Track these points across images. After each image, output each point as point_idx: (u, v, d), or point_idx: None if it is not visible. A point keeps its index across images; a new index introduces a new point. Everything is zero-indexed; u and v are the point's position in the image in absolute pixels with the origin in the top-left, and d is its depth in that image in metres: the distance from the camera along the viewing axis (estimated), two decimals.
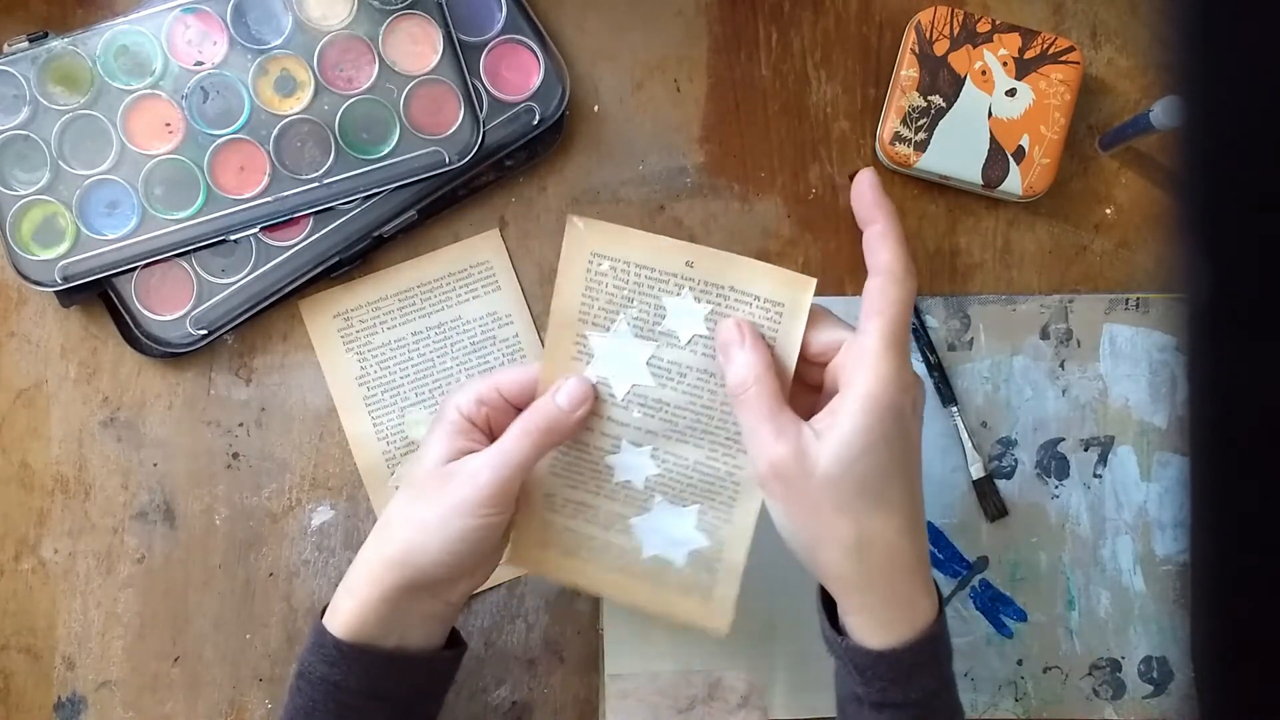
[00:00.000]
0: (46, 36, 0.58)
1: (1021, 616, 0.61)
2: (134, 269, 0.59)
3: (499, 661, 0.60)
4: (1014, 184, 0.59)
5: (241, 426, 0.61)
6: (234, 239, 0.59)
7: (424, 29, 0.60)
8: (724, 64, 0.62)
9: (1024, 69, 0.59)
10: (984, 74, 0.59)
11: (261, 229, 0.59)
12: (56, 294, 0.59)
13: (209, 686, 0.60)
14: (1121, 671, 0.61)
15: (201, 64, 0.59)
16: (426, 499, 0.47)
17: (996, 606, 0.61)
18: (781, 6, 0.63)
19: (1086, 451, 0.61)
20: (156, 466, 0.61)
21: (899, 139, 0.59)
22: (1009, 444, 0.61)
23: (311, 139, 0.59)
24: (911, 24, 0.60)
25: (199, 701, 0.60)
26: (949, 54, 0.59)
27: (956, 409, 0.61)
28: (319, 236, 0.59)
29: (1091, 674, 0.61)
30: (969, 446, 0.61)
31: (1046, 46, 0.59)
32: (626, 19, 0.62)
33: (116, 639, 0.60)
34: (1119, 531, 0.61)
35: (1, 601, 0.60)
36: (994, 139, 0.59)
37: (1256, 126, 0.22)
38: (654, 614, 0.52)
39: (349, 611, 0.47)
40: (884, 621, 0.45)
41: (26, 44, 0.58)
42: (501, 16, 0.60)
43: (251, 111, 0.59)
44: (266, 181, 0.59)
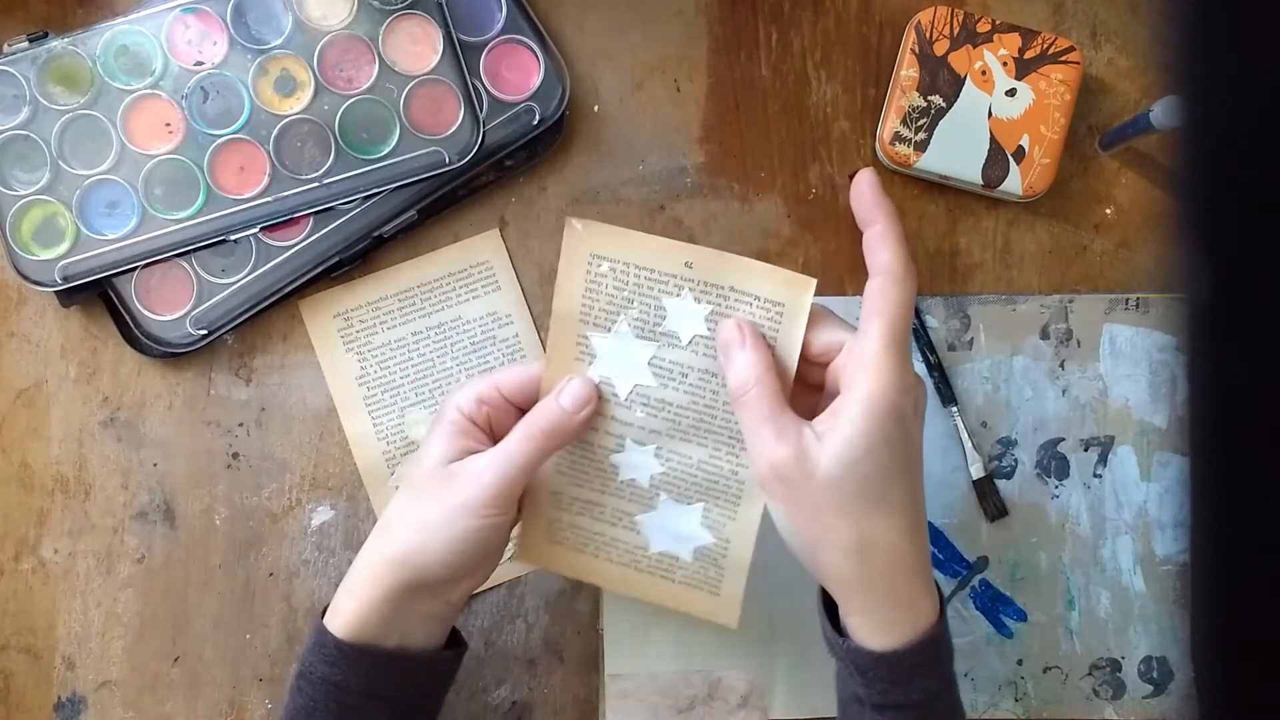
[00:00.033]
0: (46, 36, 0.58)
1: (1021, 616, 0.61)
2: (134, 269, 0.59)
3: (499, 661, 0.60)
4: (1014, 184, 0.59)
5: (241, 426, 0.61)
6: (234, 239, 0.59)
7: (424, 29, 0.60)
8: (724, 64, 0.62)
9: (1024, 69, 0.59)
10: (984, 74, 0.59)
11: (261, 229, 0.59)
12: (56, 294, 0.59)
13: (209, 686, 0.60)
14: (1121, 671, 0.61)
15: (201, 64, 0.59)
16: (428, 499, 0.47)
17: (996, 606, 0.61)
18: (781, 6, 0.63)
19: (1086, 451, 0.61)
20: (156, 466, 0.61)
21: (899, 139, 0.59)
22: (1009, 444, 0.61)
23: (311, 139, 0.59)
24: (911, 24, 0.60)
25: (199, 701, 0.60)
26: (949, 54, 0.59)
27: (956, 409, 0.61)
28: (319, 236, 0.59)
29: (1091, 674, 0.61)
30: (969, 446, 0.61)
31: (1046, 46, 0.59)
32: (626, 19, 0.62)
33: (116, 639, 0.60)
34: (1119, 531, 0.61)
35: (1, 601, 0.60)
36: (994, 139, 0.59)
37: (1256, 126, 0.22)
38: (664, 608, 0.52)
39: (350, 612, 0.47)
40: (885, 623, 0.45)
41: (26, 44, 0.58)
42: (501, 16, 0.60)
43: (251, 111, 0.59)
44: (266, 181, 0.59)
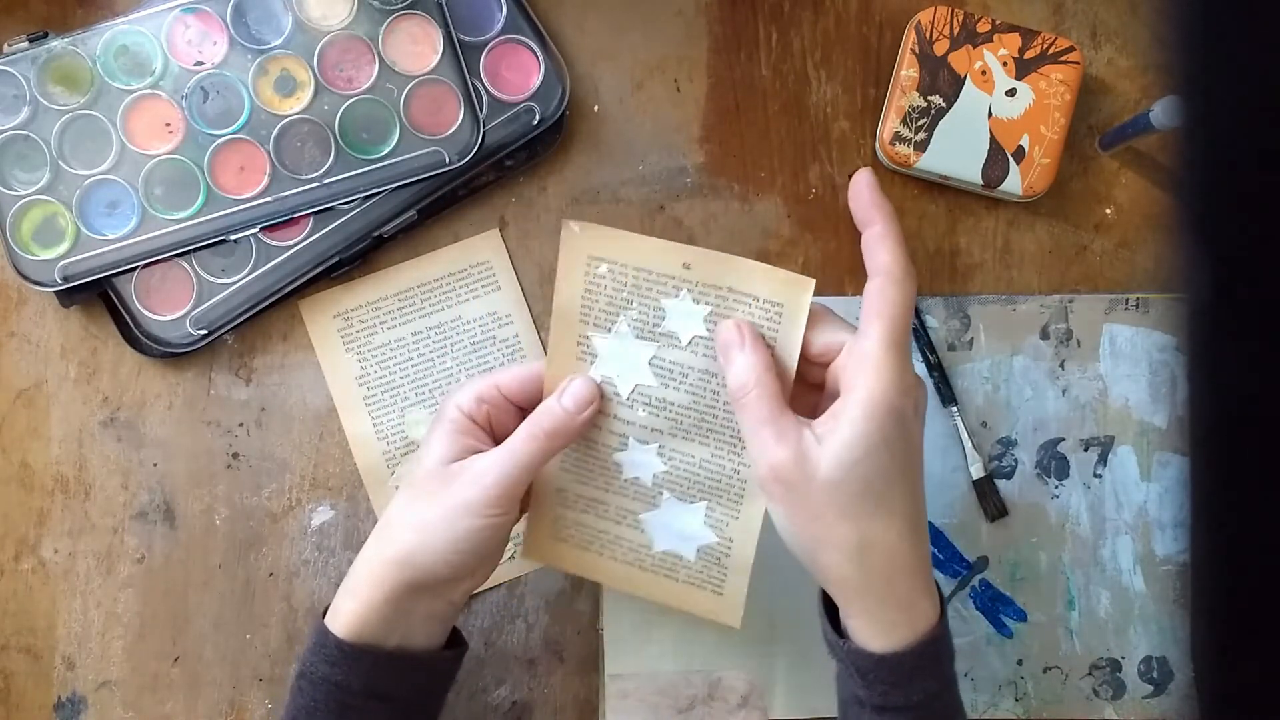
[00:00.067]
0: (46, 36, 0.58)
1: (1021, 616, 0.61)
2: (134, 269, 0.59)
3: (499, 661, 0.60)
4: (1014, 184, 0.59)
5: (241, 426, 0.61)
6: (234, 239, 0.59)
7: (424, 29, 0.60)
8: (724, 64, 0.62)
9: (1024, 69, 0.59)
10: (984, 74, 0.59)
11: (261, 229, 0.59)
12: (56, 294, 0.59)
13: (209, 686, 0.60)
14: (1121, 671, 0.61)
15: (201, 64, 0.59)
16: (430, 498, 0.47)
17: (996, 606, 0.61)
18: (781, 6, 0.63)
19: (1086, 451, 0.61)
20: (156, 466, 0.61)
21: (899, 139, 0.59)
22: (1009, 444, 0.61)
23: (311, 139, 0.59)
24: (911, 24, 0.60)
25: (199, 701, 0.60)
26: (949, 54, 0.59)
27: (956, 409, 0.61)
28: (319, 236, 0.59)
29: (1091, 674, 0.61)
30: (969, 446, 0.61)
31: (1046, 46, 0.59)
32: (626, 19, 0.62)
33: (116, 639, 0.60)
34: (1119, 531, 0.61)
35: (1, 601, 0.60)
36: (994, 139, 0.59)
37: (1256, 126, 0.22)
38: (668, 607, 0.52)
39: (351, 612, 0.47)
40: (885, 625, 0.45)
41: (26, 44, 0.58)
42: (501, 16, 0.60)
43: (251, 111, 0.59)
44: (266, 181, 0.59)
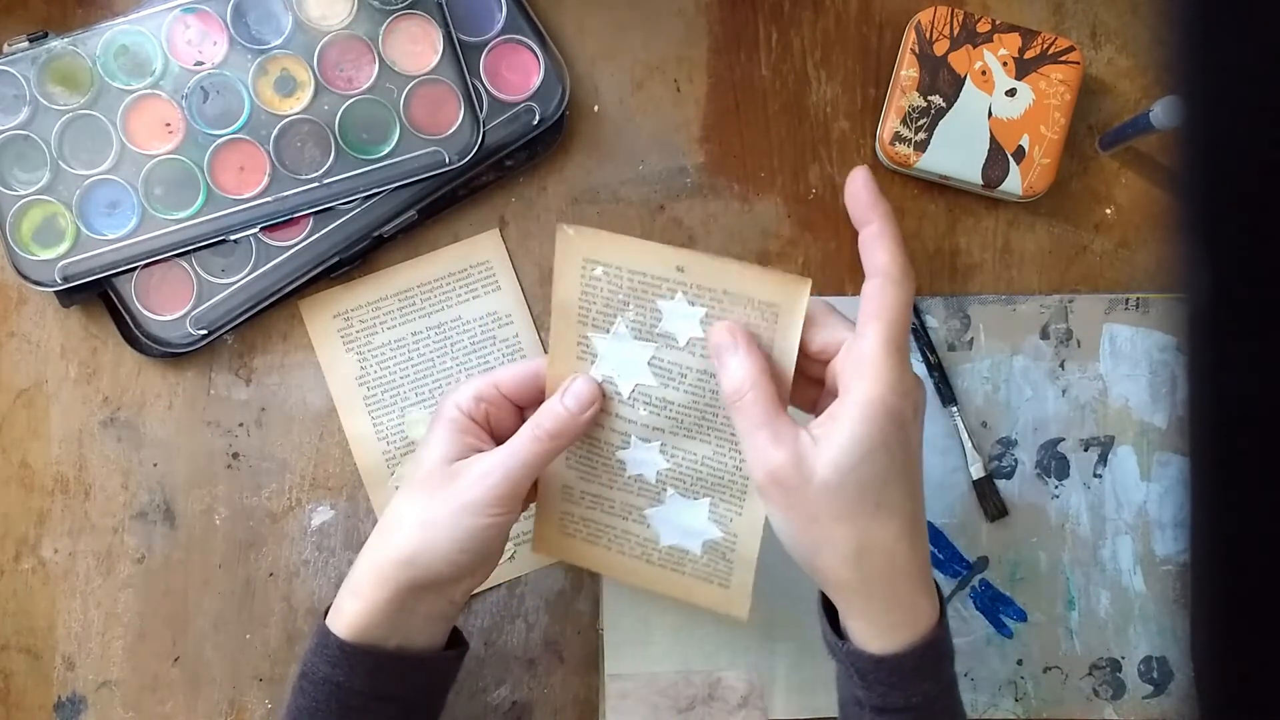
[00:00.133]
0: (46, 36, 0.58)
1: (1021, 616, 0.61)
2: (134, 269, 0.59)
3: (499, 661, 0.60)
4: (1014, 184, 0.59)
5: (241, 426, 0.61)
6: (234, 239, 0.59)
7: (424, 29, 0.60)
8: (724, 64, 0.62)
9: (1024, 69, 0.59)
10: (984, 74, 0.59)
11: (261, 229, 0.59)
12: (56, 294, 0.59)
13: (209, 686, 0.60)
14: (1121, 671, 0.61)
15: (201, 64, 0.59)
16: (432, 497, 0.47)
17: (996, 606, 0.61)
18: (781, 6, 0.63)
19: (1086, 451, 0.61)
20: (156, 466, 0.61)
21: (899, 139, 0.59)
22: (1009, 444, 0.61)
23: (311, 139, 0.59)
24: (911, 24, 0.60)
25: (199, 701, 0.60)
26: (949, 54, 0.59)
27: (956, 409, 0.61)
28: (319, 236, 0.59)
29: (1091, 674, 0.61)
30: (969, 446, 0.61)
31: (1046, 46, 0.59)
32: (626, 19, 0.62)
33: (116, 639, 0.60)
34: (1119, 531, 0.61)
35: (1, 601, 0.60)
36: (994, 139, 0.59)
37: (1256, 126, 0.22)
38: (675, 600, 0.53)
39: (354, 612, 0.47)
40: (885, 626, 0.45)
41: (26, 44, 0.58)
42: (501, 16, 0.60)
43: (251, 111, 0.59)
44: (266, 181, 0.59)
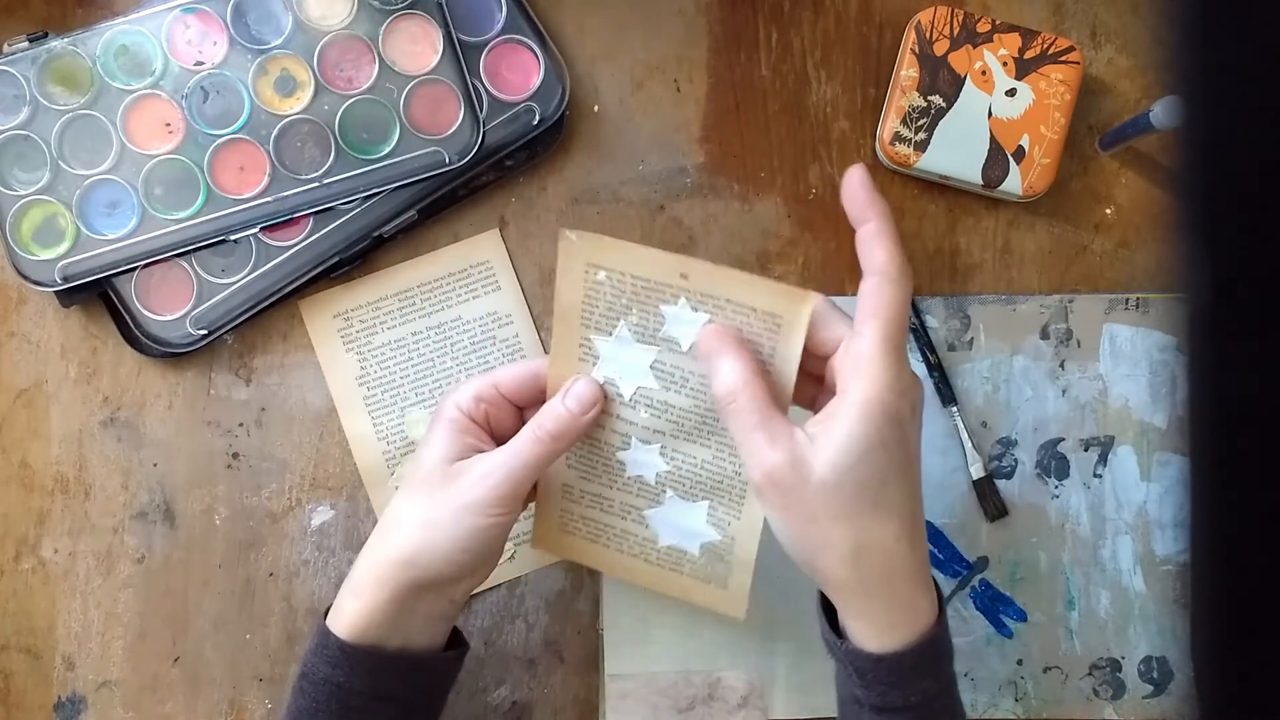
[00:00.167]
0: (46, 36, 0.58)
1: (1021, 616, 0.61)
2: (134, 269, 0.59)
3: (499, 661, 0.60)
4: (1014, 184, 0.59)
5: (241, 426, 0.61)
6: (234, 239, 0.59)
7: (424, 29, 0.60)
8: (724, 64, 0.62)
9: (1024, 69, 0.59)
10: (984, 74, 0.59)
11: (261, 229, 0.59)
12: (56, 294, 0.59)
13: (209, 686, 0.60)
14: (1121, 671, 0.61)
15: (201, 64, 0.59)
16: (433, 497, 0.47)
17: (996, 606, 0.61)
18: (781, 6, 0.63)
19: (1086, 451, 0.61)
20: (156, 466, 0.61)
21: (899, 139, 0.59)
22: (1009, 444, 0.61)
23: (311, 139, 0.59)
24: (911, 24, 0.60)
25: (199, 701, 0.60)
26: (949, 54, 0.59)
27: (956, 409, 0.61)
28: (319, 236, 0.59)
29: (1091, 674, 0.61)
30: (969, 446, 0.61)
31: (1046, 46, 0.59)
32: (626, 19, 0.62)
33: (116, 639, 0.60)
34: (1119, 531, 0.61)
35: (1, 601, 0.60)
36: (994, 139, 0.59)
37: (1256, 126, 0.22)
38: (673, 599, 0.53)
39: (354, 613, 0.47)
40: (884, 626, 0.45)
41: (26, 44, 0.58)
42: (501, 16, 0.60)
43: (251, 111, 0.59)
44: (266, 181, 0.59)
